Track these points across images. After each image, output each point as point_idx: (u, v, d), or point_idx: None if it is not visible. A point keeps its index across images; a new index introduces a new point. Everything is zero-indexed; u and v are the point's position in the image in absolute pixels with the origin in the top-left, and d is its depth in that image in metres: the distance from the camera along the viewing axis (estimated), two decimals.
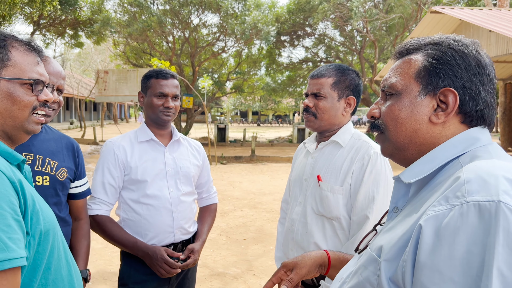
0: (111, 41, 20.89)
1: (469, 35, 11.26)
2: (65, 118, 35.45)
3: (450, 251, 0.67)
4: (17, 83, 1.02)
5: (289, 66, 23.02)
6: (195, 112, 19.88)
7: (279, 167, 12.55)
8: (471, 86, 0.84)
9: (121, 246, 1.95)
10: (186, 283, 2.13)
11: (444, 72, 0.85)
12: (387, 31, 19.65)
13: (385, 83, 0.93)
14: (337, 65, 1.80)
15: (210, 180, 2.30)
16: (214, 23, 18.83)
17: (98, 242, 4.71)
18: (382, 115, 0.93)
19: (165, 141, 2.08)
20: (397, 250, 0.76)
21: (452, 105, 0.84)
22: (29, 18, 17.10)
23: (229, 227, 5.99)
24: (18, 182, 0.92)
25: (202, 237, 2.13)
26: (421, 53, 0.89)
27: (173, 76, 2.05)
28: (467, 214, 0.67)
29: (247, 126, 41.32)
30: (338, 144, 1.76)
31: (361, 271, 0.85)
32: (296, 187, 1.87)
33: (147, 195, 1.95)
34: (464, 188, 0.70)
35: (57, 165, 1.67)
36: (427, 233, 0.70)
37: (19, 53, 1.04)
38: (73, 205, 1.80)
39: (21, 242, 0.87)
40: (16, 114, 1.03)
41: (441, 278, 0.67)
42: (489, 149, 0.82)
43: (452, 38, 0.88)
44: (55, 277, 1.02)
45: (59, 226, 1.11)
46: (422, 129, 0.87)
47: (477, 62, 0.85)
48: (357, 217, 1.63)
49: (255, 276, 4.21)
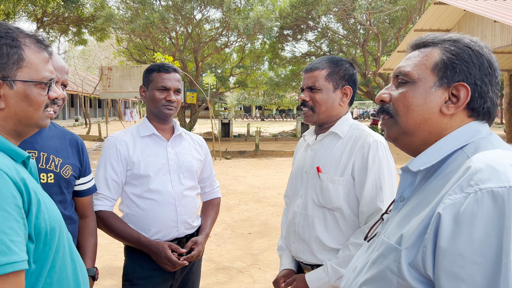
0: (114, 38, 20.90)
1: (474, 26, 11.17)
2: (70, 115, 35.57)
3: (469, 235, 0.73)
4: (32, 85, 1.01)
5: (292, 60, 22.94)
6: (199, 108, 19.89)
7: (283, 161, 12.55)
8: (482, 84, 0.90)
9: (125, 241, 1.96)
10: (191, 277, 2.13)
11: (460, 67, 0.90)
12: (391, 24, 19.51)
13: (401, 70, 0.97)
14: (330, 57, 1.80)
15: (213, 175, 2.30)
16: (217, 18, 18.80)
17: (104, 237, 4.73)
18: (394, 100, 0.98)
19: (167, 135, 2.07)
20: (416, 237, 0.82)
21: (463, 99, 0.90)
22: (33, 15, 17.13)
23: (234, 221, 6.01)
24: (21, 181, 0.91)
25: (205, 230, 2.13)
26: (439, 47, 0.94)
27: (175, 70, 2.04)
28: (482, 201, 0.73)
29: (251, 121, 41.29)
30: (337, 135, 1.76)
31: (381, 260, 0.90)
32: (297, 180, 1.88)
33: (150, 190, 1.95)
34: (477, 177, 0.77)
35: (62, 162, 1.65)
36: (446, 221, 0.76)
37: (32, 52, 1.02)
38: (79, 203, 1.78)
39: (23, 245, 0.86)
40: (32, 114, 1.03)
41: (463, 261, 0.73)
42: (491, 139, 0.89)
43: (469, 38, 0.94)
44: (60, 276, 1.01)
45: (64, 224, 1.09)
46: (432, 118, 0.92)
47: (489, 63, 0.92)
48: (367, 208, 1.63)
49: (260, 269, 4.23)
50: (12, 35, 0.99)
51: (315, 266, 1.74)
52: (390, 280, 0.86)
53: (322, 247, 1.72)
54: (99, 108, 42.57)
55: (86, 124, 25.55)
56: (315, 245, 1.73)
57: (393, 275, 0.85)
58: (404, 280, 0.83)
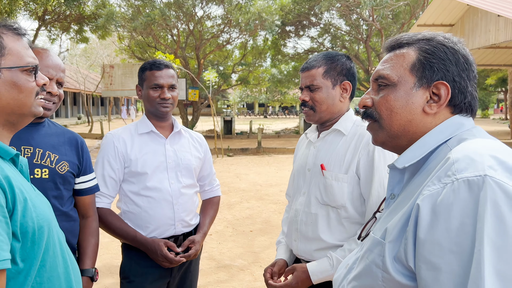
0: (116, 36, 20.89)
1: (477, 20, 11.06)
2: (73, 113, 35.68)
3: (446, 225, 0.73)
4: (18, 71, 1.01)
5: (295, 57, 22.86)
6: (201, 105, 19.87)
7: (285, 158, 12.52)
8: (461, 80, 0.92)
9: (122, 238, 1.95)
10: (189, 276, 2.11)
11: (437, 66, 0.92)
12: (394, 19, 19.40)
13: (380, 74, 0.98)
14: (325, 53, 1.77)
15: (212, 173, 2.27)
16: (218, 14, 18.70)
17: (104, 236, 4.69)
18: (376, 104, 0.98)
19: (166, 133, 2.06)
20: (399, 230, 0.83)
21: (444, 97, 0.92)
22: (34, 14, 17.13)
23: (236, 219, 5.99)
24: (5, 179, 0.89)
25: (203, 229, 2.11)
26: (414, 47, 0.95)
27: (167, 66, 2.01)
28: (459, 190, 0.74)
29: (253, 118, 41.29)
30: (340, 133, 1.73)
31: (367, 255, 0.91)
32: (299, 178, 1.85)
33: (148, 187, 1.94)
34: (454, 167, 0.77)
35: (58, 159, 1.64)
36: (424, 211, 0.77)
37: (11, 39, 1.02)
38: (80, 202, 1.77)
39: (5, 244, 0.85)
40: (24, 101, 1.03)
41: (441, 250, 0.73)
42: (473, 131, 0.90)
43: (442, 35, 0.95)
44: (51, 275, 0.99)
45: (55, 222, 1.08)
46: (416, 119, 0.93)
47: (465, 58, 0.93)
48: (376, 206, 1.59)
49: (261, 267, 4.20)
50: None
51: None
52: (375, 274, 0.87)
53: (325, 245, 1.69)
54: (101, 106, 42.67)
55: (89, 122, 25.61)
56: (317, 242, 1.71)
57: (378, 269, 0.86)
58: (388, 274, 0.84)
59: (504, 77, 28.25)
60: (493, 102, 55.76)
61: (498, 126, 26.51)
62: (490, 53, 13.93)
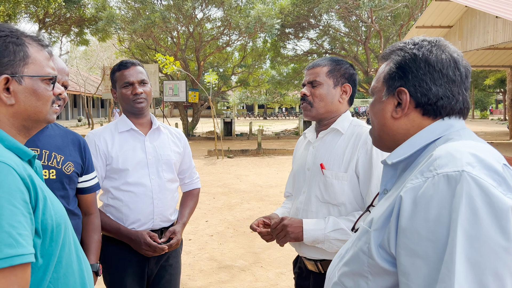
0: (116, 38, 20.95)
1: (475, 21, 11.11)
2: (73, 115, 35.71)
3: (425, 215, 0.80)
4: (39, 80, 1.07)
5: (294, 58, 22.92)
6: (201, 107, 19.92)
7: (285, 159, 12.56)
8: (422, 84, 0.98)
9: (105, 231, 2.02)
10: (168, 269, 2.16)
11: (398, 75, 1.01)
12: (392, 21, 19.46)
13: (372, 85, 1.12)
14: (332, 57, 1.87)
15: (192, 166, 2.34)
16: (218, 17, 18.80)
17: None
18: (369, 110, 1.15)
19: (145, 130, 2.12)
20: (384, 219, 0.90)
21: (405, 102, 0.99)
22: (35, 16, 17.19)
23: (236, 220, 6.03)
24: (28, 177, 0.94)
25: (182, 220, 2.19)
26: (390, 58, 1.05)
27: (134, 64, 2.10)
28: (438, 184, 0.80)
29: (253, 120, 41.31)
30: (339, 132, 1.78)
31: (356, 243, 0.99)
32: (299, 177, 1.90)
33: (128, 183, 2.02)
34: (436, 163, 0.84)
35: (63, 159, 1.69)
36: (406, 202, 0.84)
37: (35, 49, 1.08)
38: (82, 200, 1.82)
39: (30, 239, 0.89)
40: (41, 109, 1.08)
41: (419, 238, 0.80)
42: (460, 132, 0.96)
43: (412, 42, 1.02)
44: (66, 271, 1.03)
45: (69, 220, 1.12)
46: (387, 123, 1.04)
47: (426, 62, 0.98)
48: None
49: (262, 268, 4.24)
50: (16, 34, 1.05)
51: (318, 261, 1.75)
52: (362, 260, 0.94)
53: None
54: (101, 108, 42.70)
55: (89, 124, 25.64)
56: None
57: (365, 255, 0.94)
58: (373, 260, 0.91)
59: (502, 77, 28.32)
60: (492, 103, 55.83)
61: (497, 127, 26.50)
62: (488, 54, 13.97)
